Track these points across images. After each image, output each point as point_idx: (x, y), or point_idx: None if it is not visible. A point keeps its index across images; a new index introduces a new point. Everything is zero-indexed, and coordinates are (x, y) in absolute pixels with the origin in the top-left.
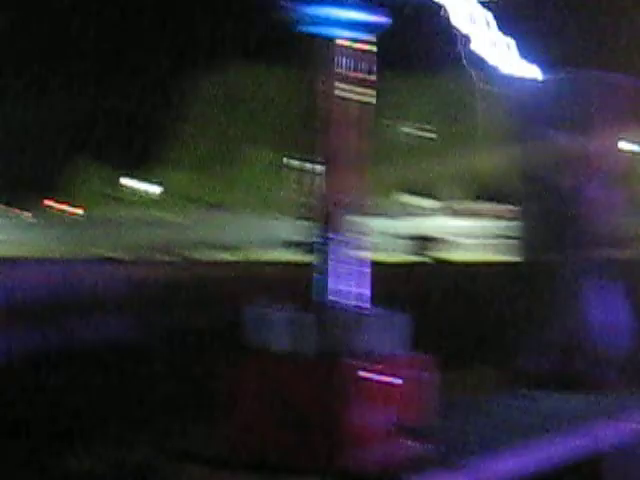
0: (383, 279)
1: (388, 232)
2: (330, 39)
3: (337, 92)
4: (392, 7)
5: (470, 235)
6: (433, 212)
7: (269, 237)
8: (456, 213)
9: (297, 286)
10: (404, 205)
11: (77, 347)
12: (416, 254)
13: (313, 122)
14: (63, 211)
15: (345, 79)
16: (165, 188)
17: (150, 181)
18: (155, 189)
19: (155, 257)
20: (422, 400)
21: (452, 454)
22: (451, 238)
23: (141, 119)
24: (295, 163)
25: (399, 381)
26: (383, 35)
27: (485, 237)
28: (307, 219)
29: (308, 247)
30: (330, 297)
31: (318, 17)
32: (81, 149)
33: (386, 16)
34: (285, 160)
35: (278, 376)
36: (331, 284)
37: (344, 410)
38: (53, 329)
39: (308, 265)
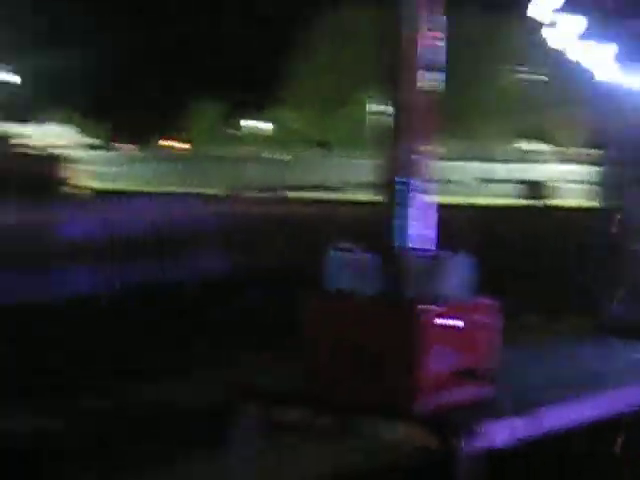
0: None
1: (501, 177)
2: None
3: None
4: None
5: (580, 181)
6: (547, 158)
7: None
8: (569, 159)
9: (379, 229)
10: (519, 151)
11: (172, 280)
12: (526, 198)
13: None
14: (172, 147)
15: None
16: (276, 127)
17: (262, 119)
18: (267, 127)
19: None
20: (492, 345)
21: (521, 401)
22: (561, 184)
23: (255, 58)
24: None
25: (471, 325)
26: None
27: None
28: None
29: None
30: (406, 241)
31: None
32: (196, 87)
33: None
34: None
35: (351, 318)
36: (409, 228)
37: (414, 353)
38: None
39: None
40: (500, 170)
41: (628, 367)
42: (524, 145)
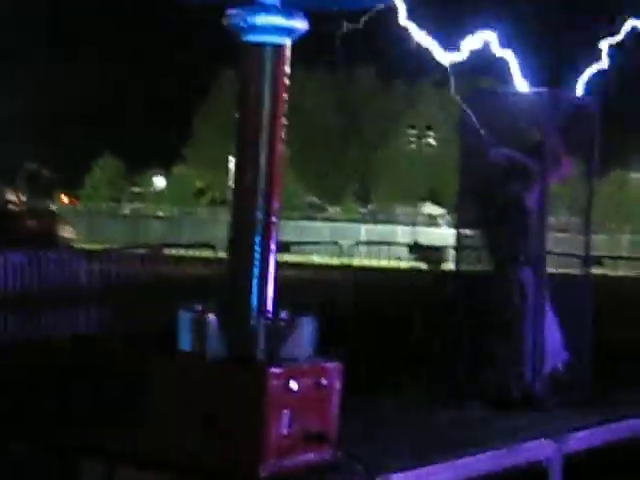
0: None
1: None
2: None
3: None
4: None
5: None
6: (444, 221)
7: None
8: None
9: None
10: (423, 214)
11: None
12: (418, 261)
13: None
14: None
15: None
16: (176, 184)
17: (163, 176)
18: (165, 184)
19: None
20: (338, 408)
21: (371, 465)
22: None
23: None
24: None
25: (313, 388)
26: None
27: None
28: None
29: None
30: (256, 303)
31: (256, 24)
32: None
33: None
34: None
35: (198, 380)
36: (259, 289)
37: (260, 417)
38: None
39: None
40: (399, 232)
41: (483, 433)
42: (428, 208)
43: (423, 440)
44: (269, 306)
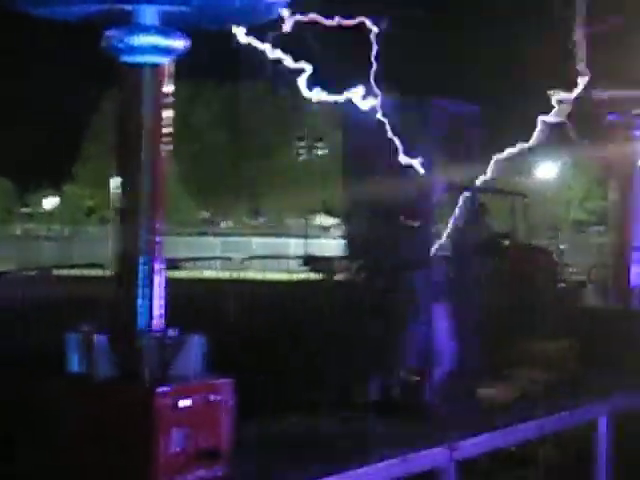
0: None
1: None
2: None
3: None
4: None
5: None
6: (336, 232)
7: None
8: None
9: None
10: (318, 226)
11: None
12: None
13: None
14: None
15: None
16: (67, 204)
17: (54, 196)
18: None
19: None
20: (229, 424)
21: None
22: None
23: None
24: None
25: (203, 404)
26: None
27: None
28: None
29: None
30: (145, 322)
31: (133, 45)
32: None
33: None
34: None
35: (87, 401)
36: (147, 308)
37: (151, 436)
38: None
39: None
40: (291, 244)
41: (374, 442)
42: (320, 219)
43: (311, 452)
44: (157, 325)
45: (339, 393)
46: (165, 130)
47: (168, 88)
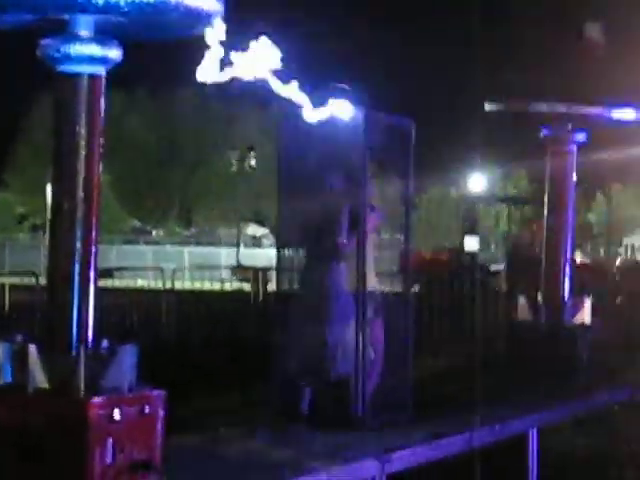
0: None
1: (220, 262)
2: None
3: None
4: None
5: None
6: (267, 241)
7: None
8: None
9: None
10: (249, 236)
11: None
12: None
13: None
14: None
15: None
16: None
17: None
18: None
19: None
20: (161, 436)
21: None
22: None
23: None
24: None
25: (137, 416)
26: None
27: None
28: None
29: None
30: (78, 331)
31: (70, 54)
32: None
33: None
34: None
35: (17, 413)
36: (80, 318)
37: (83, 449)
38: None
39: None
40: (223, 254)
41: (305, 454)
42: (251, 229)
43: (243, 464)
44: (90, 335)
45: (275, 402)
46: (100, 139)
47: (103, 98)
